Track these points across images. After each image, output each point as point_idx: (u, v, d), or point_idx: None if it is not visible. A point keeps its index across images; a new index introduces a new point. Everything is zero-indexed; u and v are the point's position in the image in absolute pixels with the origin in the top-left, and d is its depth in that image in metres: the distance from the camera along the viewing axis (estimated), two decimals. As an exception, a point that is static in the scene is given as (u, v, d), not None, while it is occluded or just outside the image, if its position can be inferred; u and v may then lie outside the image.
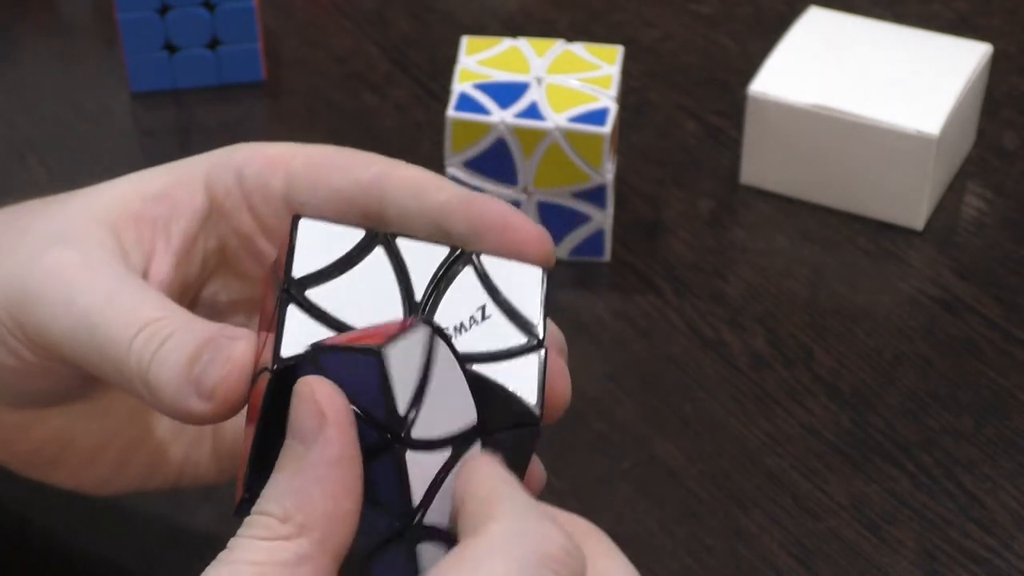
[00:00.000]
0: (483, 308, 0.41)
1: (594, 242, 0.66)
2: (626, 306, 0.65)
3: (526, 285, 0.41)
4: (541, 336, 0.41)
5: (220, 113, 0.75)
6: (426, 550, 0.39)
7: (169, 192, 0.45)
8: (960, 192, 0.70)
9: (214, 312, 0.48)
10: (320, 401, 0.37)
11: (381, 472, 0.38)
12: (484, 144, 0.63)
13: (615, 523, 0.56)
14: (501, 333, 0.40)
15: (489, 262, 0.41)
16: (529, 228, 0.42)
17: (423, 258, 0.41)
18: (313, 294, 0.39)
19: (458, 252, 0.41)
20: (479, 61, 0.66)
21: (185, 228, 0.45)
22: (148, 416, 0.50)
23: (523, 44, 0.67)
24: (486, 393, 0.39)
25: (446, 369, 0.38)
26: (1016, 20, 0.80)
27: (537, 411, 0.40)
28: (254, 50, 0.75)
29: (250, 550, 0.37)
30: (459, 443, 0.39)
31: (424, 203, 0.43)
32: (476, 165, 0.64)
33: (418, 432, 0.38)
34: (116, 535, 0.56)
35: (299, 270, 0.40)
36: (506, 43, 0.67)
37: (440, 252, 0.41)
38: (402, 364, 0.38)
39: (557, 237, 0.66)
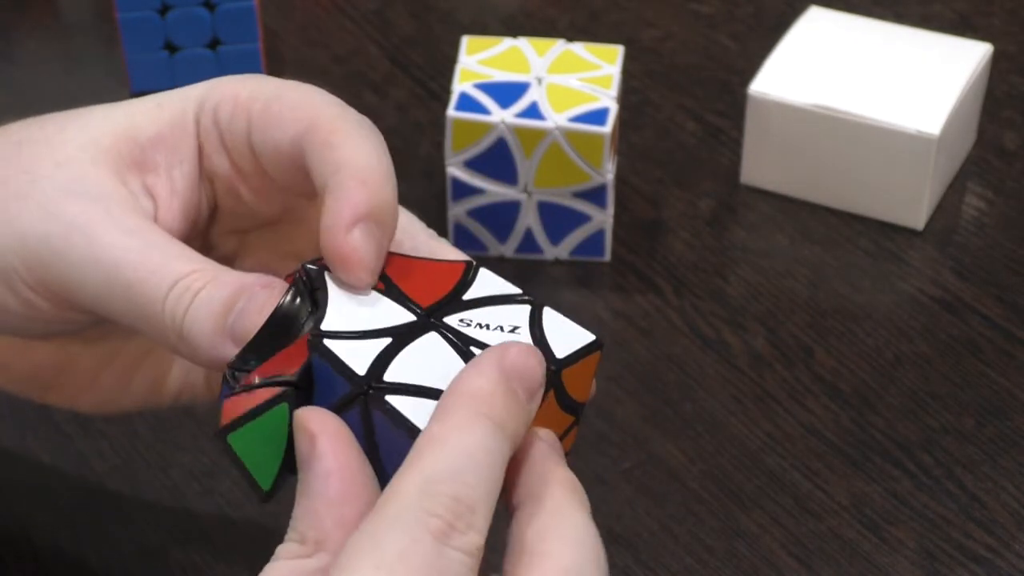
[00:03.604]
0: (516, 328, 0.42)
1: (594, 242, 0.66)
2: (626, 306, 0.65)
3: (572, 337, 0.42)
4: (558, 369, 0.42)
5: (220, 113, 0.75)
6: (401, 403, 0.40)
7: (164, 135, 0.44)
8: (960, 192, 0.70)
9: (206, 246, 0.48)
10: (309, 425, 0.39)
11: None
12: (484, 144, 0.63)
13: (615, 522, 0.56)
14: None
15: (549, 313, 0.42)
16: (342, 253, 0.42)
17: (496, 283, 0.43)
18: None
19: (527, 296, 0.43)
20: (479, 61, 0.66)
21: (188, 172, 0.45)
22: (148, 339, 0.49)
23: (523, 44, 0.67)
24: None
25: None
26: (1016, 20, 0.80)
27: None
28: (254, 50, 0.75)
29: (275, 572, 0.38)
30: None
31: (322, 175, 0.43)
32: (476, 165, 0.64)
33: None
34: (116, 534, 0.56)
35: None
36: (506, 43, 0.67)
37: (512, 289, 0.43)
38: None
39: (557, 237, 0.66)
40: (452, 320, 0.41)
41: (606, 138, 0.63)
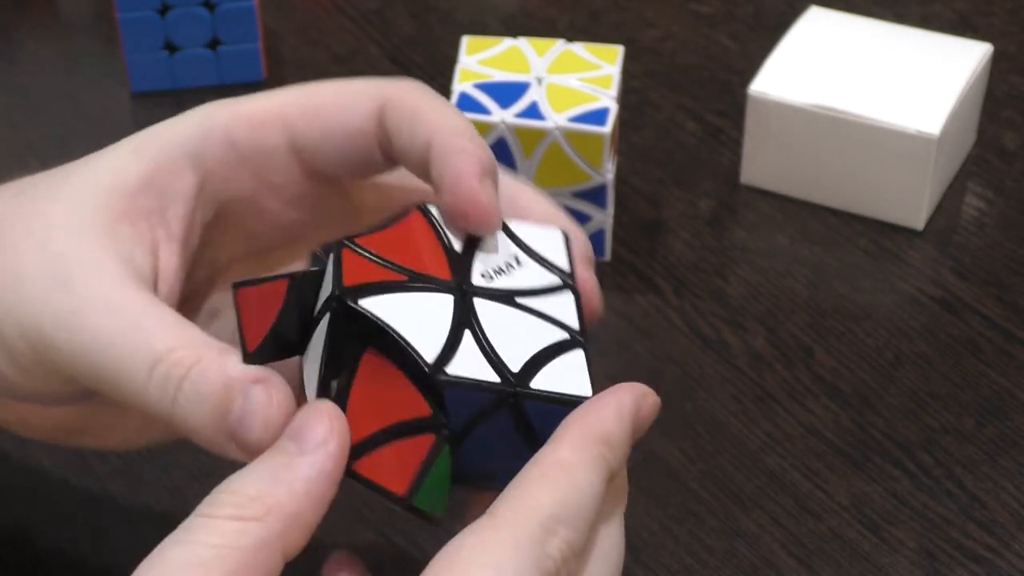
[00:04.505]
0: (516, 257, 0.44)
1: (594, 242, 0.66)
2: (626, 306, 0.65)
3: (549, 240, 0.45)
4: (572, 280, 0.44)
5: (220, 113, 0.75)
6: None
7: (152, 180, 0.44)
8: (960, 192, 0.70)
9: (214, 271, 0.48)
10: (332, 420, 0.39)
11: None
12: (484, 144, 0.63)
13: (615, 523, 0.56)
14: (536, 274, 0.44)
15: (515, 224, 0.45)
16: (479, 203, 0.42)
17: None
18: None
19: None
20: (479, 61, 0.66)
21: (182, 213, 0.45)
22: None
23: (523, 44, 0.67)
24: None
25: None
26: (1016, 20, 0.80)
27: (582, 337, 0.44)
28: (254, 50, 0.75)
29: (211, 531, 0.37)
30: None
31: (415, 140, 0.44)
32: (476, 165, 0.64)
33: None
34: (116, 535, 0.56)
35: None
36: (506, 43, 0.67)
37: None
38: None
39: (557, 237, 0.66)
40: (480, 282, 0.43)
41: (606, 138, 0.63)
